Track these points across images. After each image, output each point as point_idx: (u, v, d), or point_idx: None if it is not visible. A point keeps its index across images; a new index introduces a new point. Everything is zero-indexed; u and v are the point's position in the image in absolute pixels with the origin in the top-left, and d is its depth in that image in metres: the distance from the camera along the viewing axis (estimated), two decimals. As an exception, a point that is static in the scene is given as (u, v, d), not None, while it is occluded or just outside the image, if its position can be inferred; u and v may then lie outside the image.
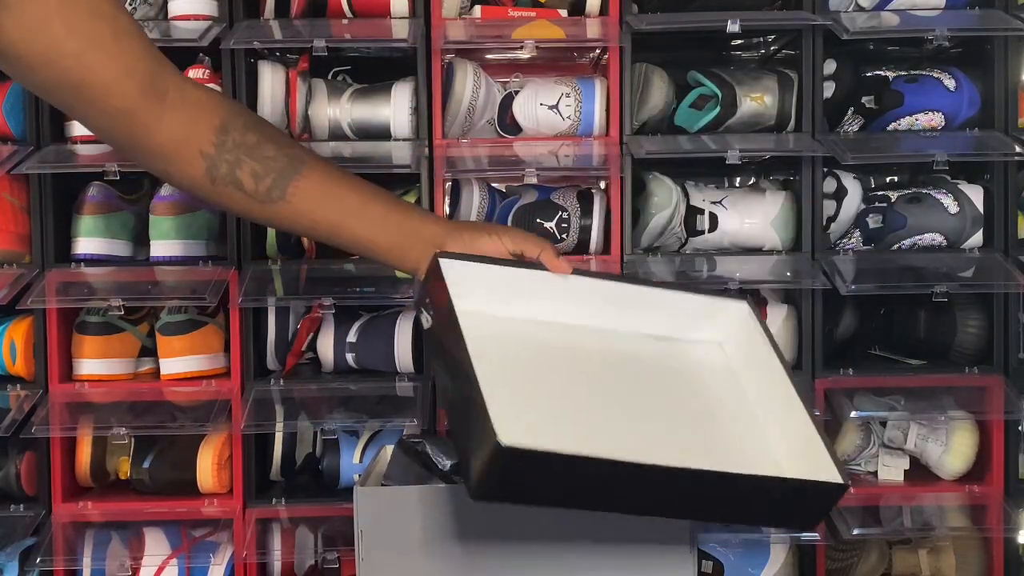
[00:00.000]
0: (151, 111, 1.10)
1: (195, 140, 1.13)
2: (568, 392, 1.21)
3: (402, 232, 1.23)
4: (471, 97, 1.83)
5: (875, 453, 1.93)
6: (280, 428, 1.83)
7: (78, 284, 1.80)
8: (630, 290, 1.35)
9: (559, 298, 1.28)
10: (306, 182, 1.18)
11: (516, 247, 1.27)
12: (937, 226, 1.86)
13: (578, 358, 1.28)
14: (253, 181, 1.15)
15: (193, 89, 1.15)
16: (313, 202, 1.19)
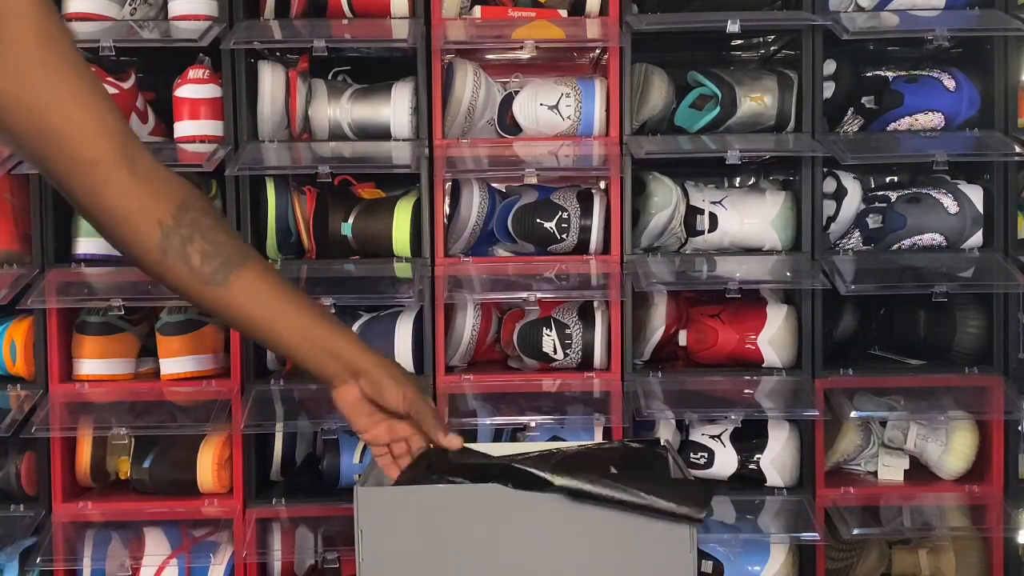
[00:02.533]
0: (118, 172, 1.12)
1: (156, 209, 1.16)
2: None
3: (324, 348, 1.27)
4: (471, 97, 1.83)
5: (875, 453, 1.93)
6: (280, 428, 1.83)
7: (78, 284, 1.80)
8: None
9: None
10: (249, 274, 1.21)
11: (411, 411, 1.30)
12: (937, 226, 1.86)
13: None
14: (200, 259, 1.18)
15: (159, 165, 1.18)
16: (251, 295, 1.22)
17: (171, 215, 1.16)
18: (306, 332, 1.26)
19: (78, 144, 1.09)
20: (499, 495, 1.27)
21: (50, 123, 1.07)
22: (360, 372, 1.28)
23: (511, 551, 1.25)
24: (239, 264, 1.21)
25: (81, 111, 1.08)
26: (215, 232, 1.19)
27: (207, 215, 1.20)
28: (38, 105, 1.06)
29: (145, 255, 1.18)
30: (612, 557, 1.25)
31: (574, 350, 1.82)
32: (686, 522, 1.22)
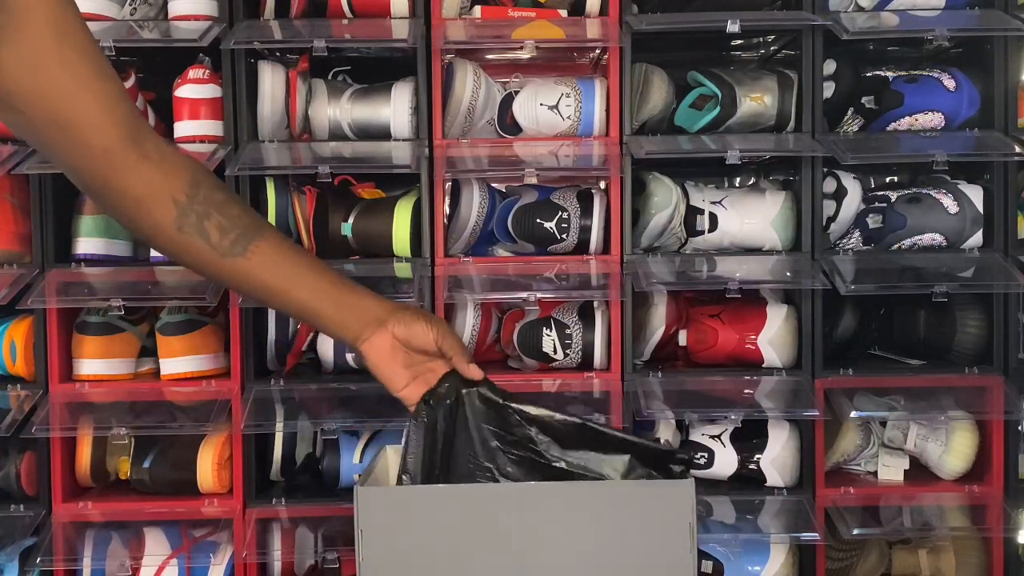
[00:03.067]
0: (130, 156, 1.15)
1: (169, 188, 1.19)
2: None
3: (344, 305, 1.32)
4: (471, 97, 1.83)
5: (875, 453, 1.93)
6: (280, 428, 1.83)
7: (78, 284, 1.80)
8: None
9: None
10: (266, 244, 1.26)
11: (442, 341, 1.35)
12: (937, 226, 1.86)
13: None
14: (219, 234, 1.22)
15: (168, 146, 1.21)
16: (270, 264, 1.26)
17: (184, 193, 1.19)
18: (326, 293, 1.30)
19: (90, 133, 1.12)
20: (499, 495, 1.27)
21: (63, 113, 1.09)
22: (386, 319, 1.32)
23: (511, 551, 1.25)
24: (256, 235, 1.24)
25: (93, 101, 1.10)
26: (229, 206, 1.23)
27: (219, 190, 1.23)
28: (52, 95, 1.08)
29: (162, 234, 1.22)
30: (612, 557, 1.25)
31: (574, 350, 1.82)
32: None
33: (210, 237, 1.21)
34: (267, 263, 1.26)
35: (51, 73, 1.06)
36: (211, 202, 1.21)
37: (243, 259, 1.24)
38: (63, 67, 1.07)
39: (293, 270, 1.28)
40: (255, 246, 1.24)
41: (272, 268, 1.26)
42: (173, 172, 1.19)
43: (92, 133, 1.12)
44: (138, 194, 1.18)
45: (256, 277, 1.27)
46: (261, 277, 1.27)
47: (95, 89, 1.10)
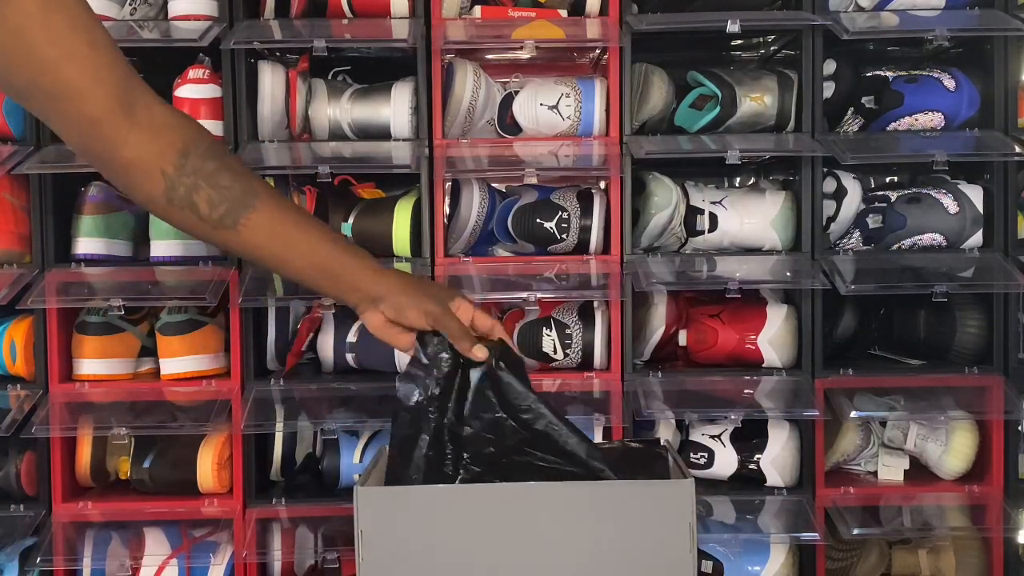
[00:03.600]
0: (119, 124, 1.14)
1: (158, 159, 1.17)
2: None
3: (340, 280, 1.30)
4: (471, 97, 1.83)
5: (875, 453, 1.93)
6: (280, 428, 1.83)
7: (78, 284, 1.80)
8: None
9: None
10: (258, 216, 1.23)
11: (435, 325, 1.31)
12: (937, 226, 1.86)
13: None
14: (208, 207, 1.20)
15: (162, 109, 1.19)
16: (262, 235, 1.24)
17: (173, 164, 1.17)
18: (322, 266, 1.29)
19: (77, 103, 1.10)
20: (499, 495, 1.27)
21: (50, 83, 1.08)
22: (379, 299, 1.30)
23: (511, 551, 1.25)
24: (247, 205, 1.22)
25: (81, 70, 1.09)
26: (219, 176, 1.20)
27: (210, 158, 1.20)
28: (38, 66, 1.06)
29: (153, 204, 1.21)
30: (612, 557, 1.25)
31: (574, 350, 1.82)
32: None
33: (199, 210, 1.20)
34: (259, 235, 1.24)
35: (35, 42, 1.05)
36: (200, 173, 1.19)
37: (234, 231, 1.22)
38: (48, 37, 1.05)
39: (289, 242, 1.26)
40: (246, 218, 1.22)
41: (266, 240, 1.25)
42: (164, 140, 1.17)
43: (79, 103, 1.10)
44: (126, 164, 1.16)
45: (250, 248, 1.26)
46: (255, 248, 1.26)
47: (82, 58, 1.08)
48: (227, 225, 1.21)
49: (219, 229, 1.22)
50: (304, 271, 1.29)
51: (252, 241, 1.24)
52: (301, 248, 1.27)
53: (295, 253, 1.27)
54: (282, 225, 1.26)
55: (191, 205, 1.19)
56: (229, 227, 1.22)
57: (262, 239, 1.24)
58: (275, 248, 1.26)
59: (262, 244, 1.25)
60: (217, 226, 1.21)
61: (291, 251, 1.27)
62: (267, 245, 1.25)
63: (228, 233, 1.22)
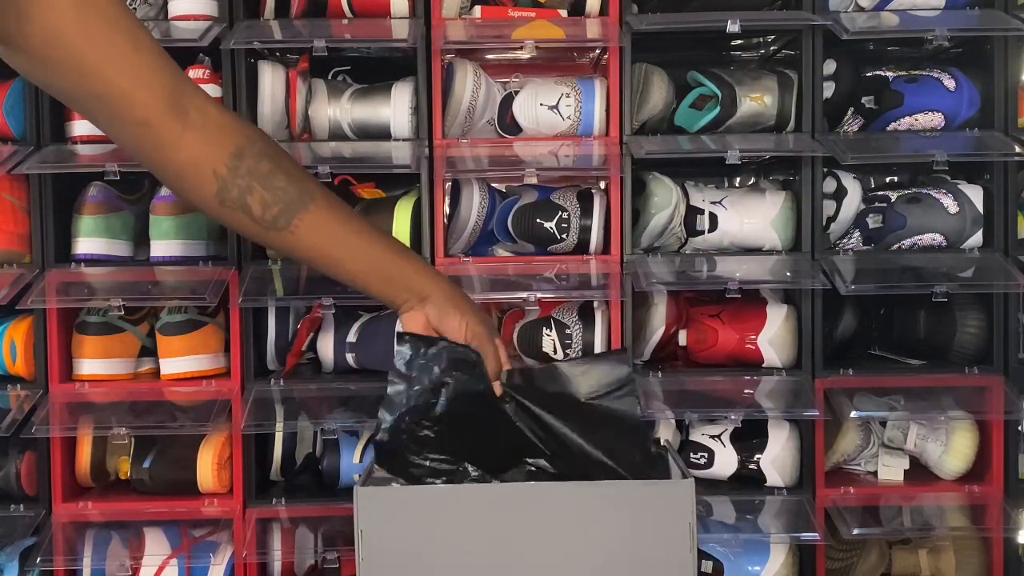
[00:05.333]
0: (171, 126, 1.12)
1: (211, 161, 1.16)
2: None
3: (394, 279, 1.31)
4: (471, 97, 1.83)
5: (875, 453, 1.93)
6: (280, 428, 1.83)
7: (78, 284, 1.80)
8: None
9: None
10: (312, 217, 1.22)
11: (472, 342, 1.34)
12: (937, 226, 1.86)
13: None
14: (261, 208, 1.19)
15: (215, 110, 1.17)
16: (316, 237, 1.24)
17: (226, 165, 1.16)
18: (376, 266, 1.29)
19: (126, 105, 1.09)
20: (499, 495, 1.27)
21: (96, 86, 1.07)
22: (427, 299, 1.31)
23: (511, 551, 1.25)
24: (301, 206, 1.21)
25: (124, 72, 1.07)
26: (274, 177, 1.19)
27: (265, 158, 1.19)
28: (82, 68, 1.05)
29: (206, 205, 1.19)
30: (612, 557, 1.25)
31: (574, 350, 1.82)
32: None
33: (252, 211, 1.18)
34: (313, 236, 1.23)
35: (75, 47, 1.03)
36: (255, 174, 1.18)
37: (288, 232, 1.21)
38: (89, 38, 1.04)
39: (340, 243, 1.26)
40: (299, 219, 1.21)
41: (318, 241, 1.24)
42: (216, 141, 1.16)
43: (128, 106, 1.09)
44: (179, 166, 1.15)
45: (303, 249, 1.25)
46: (308, 250, 1.25)
47: (127, 60, 1.07)
48: (280, 227, 1.20)
49: (272, 231, 1.21)
50: (358, 272, 1.29)
51: (306, 242, 1.23)
52: (355, 249, 1.27)
53: (349, 254, 1.27)
54: (336, 226, 1.25)
55: (244, 207, 1.18)
56: (283, 228, 1.21)
57: (316, 240, 1.24)
58: (329, 249, 1.26)
59: (316, 244, 1.24)
60: (270, 228, 1.20)
61: (345, 252, 1.26)
62: (321, 246, 1.25)
63: (282, 235, 1.22)
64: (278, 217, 1.20)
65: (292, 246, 1.24)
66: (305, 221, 1.21)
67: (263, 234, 1.22)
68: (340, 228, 1.26)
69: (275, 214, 1.20)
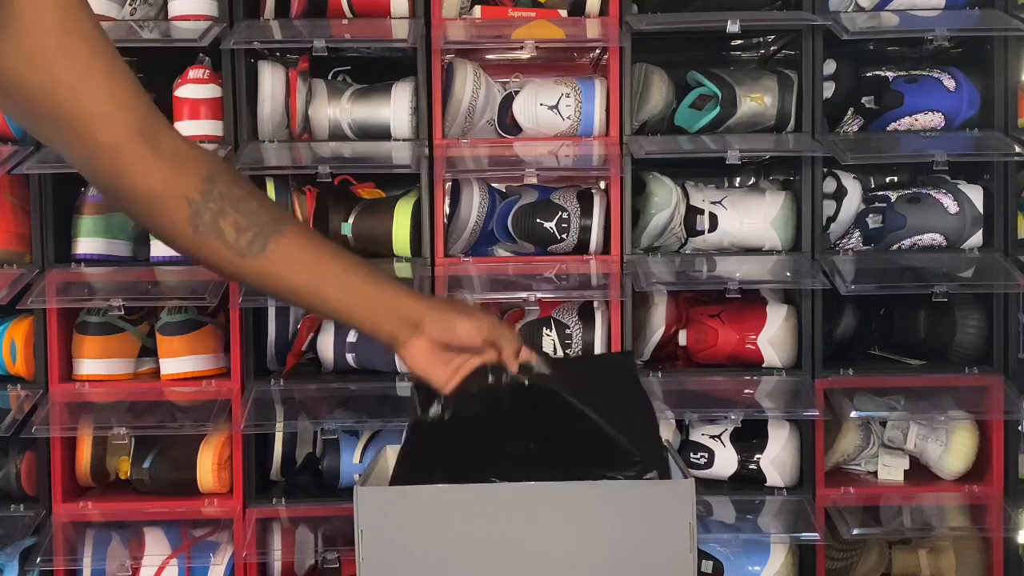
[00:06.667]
0: (140, 152, 1.10)
1: (182, 186, 1.13)
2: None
3: (377, 304, 1.23)
4: (471, 97, 1.83)
5: (875, 453, 1.93)
6: (280, 428, 1.83)
7: (78, 284, 1.80)
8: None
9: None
10: (287, 241, 1.17)
11: (491, 335, 1.26)
12: (937, 226, 1.86)
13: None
14: (235, 232, 1.15)
15: (184, 141, 1.16)
16: (292, 261, 1.18)
17: (198, 190, 1.13)
18: (356, 291, 1.22)
19: (97, 129, 1.06)
20: (499, 495, 1.27)
21: (69, 109, 1.04)
22: (422, 320, 1.23)
23: (511, 551, 1.25)
24: (275, 231, 1.17)
25: (100, 96, 1.05)
26: (247, 202, 1.16)
27: (237, 185, 1.16)
28: (56, 91, 1.03)
29: (177, 234, 1.15)
30: (612, 557, 1.25)
31: (574, 350, 1.82)
32: (632, 468, 1.25)
33: (226, 236, 1.14)
34: (288, 261, 1.17)
35: (55, 67, 1.01)
36: (227, 198, 1.14)
37: (262, 258, 1.16)
38: (68, 61, 1.01)
39: (318, 268, 1.20)
40: (274, 243, 1.16)
41: (294, 267, 1.18)
42: (187, 168, 1.13)
43: (100, 130, 1.06)
44: (150, 193, 1.12)
45: (278, 277, 1.19)
46: (283, 277, 1.19)
47: (103, 84, 1.05)
48: (255, 252, 1.16)
49: (247, 257, 1.16)
50: (337, 298, 1.22)
51: (281, 268, 1.18)
52: (334, 272, 1.21)
53: (328, 278, 1.21)
54: (312, 251, 1.20)
55: (217, 232, 1.14)
56: (257, 254, 1.16)
57: (291, 265, 1.18)
58: (305, 275, 1.19)
59: (291, 271, 1.19)
60: (244, 253, 1.15)
61: (323, 276, 1.20)
62: (297, 271, 1.19)
63: (256, 261, 1.16)
64: (253, 242, 1.15)
65: (267, 274, 1.18)
66: (280, 246, 1.16)
67: (237, 262, 1.16)
68: (316, 252, 1.20)
69: (249, 239, 1.15)
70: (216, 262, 1.17)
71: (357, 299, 1.22)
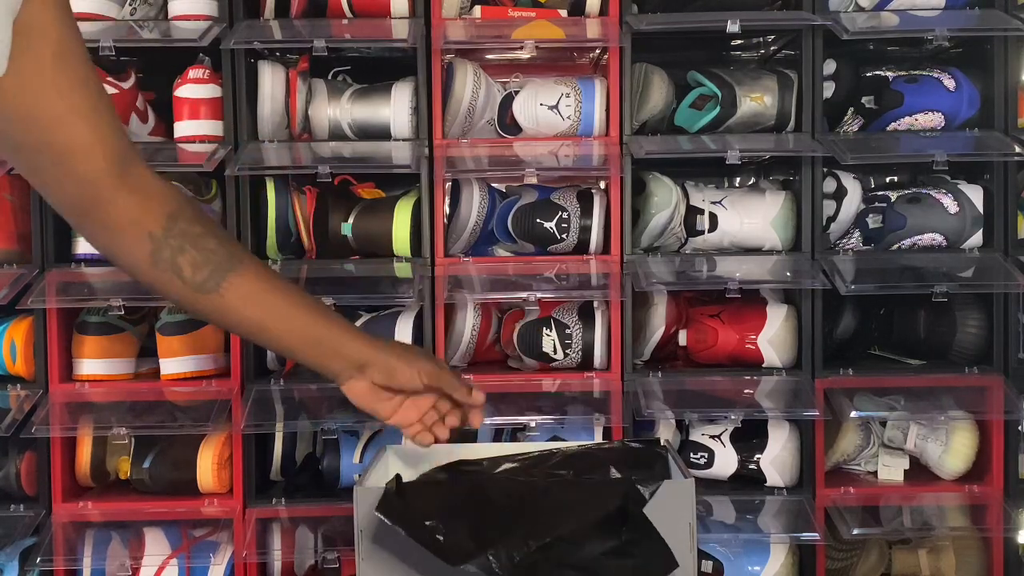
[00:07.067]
0: (112, 185, 1.13)
1: (147, 221, 1.17)
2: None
3: (323, 346, 1.28)
4: (471, 97, 1.83)
5: (875, 453, 1.93)
6: (280, 428, 1.83)
7: (78, 284, 1.80)
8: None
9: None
10: (240, 280, 1.22)
11: (431, 381, 1.31)
12: (937, 226, 1.86)
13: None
14: (191, 269, 1.19)
15: (153, 176, 1.19)
16: (243, 300, 1.23)
17: (161, 226, 1.17)
18: (303, 332, 1.27)
19: (78, 161, 1.10)
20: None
21: (54, 139, 1.07)
22: (365, 364, 1.29)
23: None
24: (230, 270, 1.21)
25: (82, 130, 1.08)
26: (205, 239, 1.20)
27: (197, 223, 1.20)
28: (45, 121, 1.06)
29: (137, 266, 1.20)
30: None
31: (574, 350, 1.82)
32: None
33: (183, 272, 1.19)
34: (242, 300, 1.22)
35: (47, 98, 1.04)
36: (186, 236, 1.18)
37: (216, 295, 1.20)
38: (59, 94, 1.05)
39: (270, 307, 1.25)
40: (228, 282, 1.21)
41: (247, 305, 1.23)
42: (152, 204, 1.17)
43: (80, 161, 1.10)
44: (116, 226, 1.16)
45: (231, 314, 1.24)
46: (236, 314, 1.24)
47: (88, 118, 1.08)
48: (209, 289, 1.20)
49: (201, 293, 1.20)
50: (285, 337, 1.27)
51: (234, 305, 1.22)
52: (283, 312, 1.26)
53: (277, 317, 1.25)
54: (264, 290, 1.24)
55: (175, 268, 1.18)
56: (212, 291, 1.20)
57: (243, 303, 1.23)
58: (257, 313, 1.24)
59: (243, 308, 1.23)
60: (199, 289, 1.20)
61: (273, 316, 1.25)
62: (249, 309, 1.24)
63: (211, 298, 1.21)
64: (208, 279, 1.20)
65: (221, 310, 1.23)
66: (233, 284, 1.21)
67: (192, 297, 1.21)
68: (268, 292, 1.25)
69: (205, 276, 1.20)
70: (173, 296, 1.22)
71: (304, 340, 1.28)
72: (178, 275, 1.19)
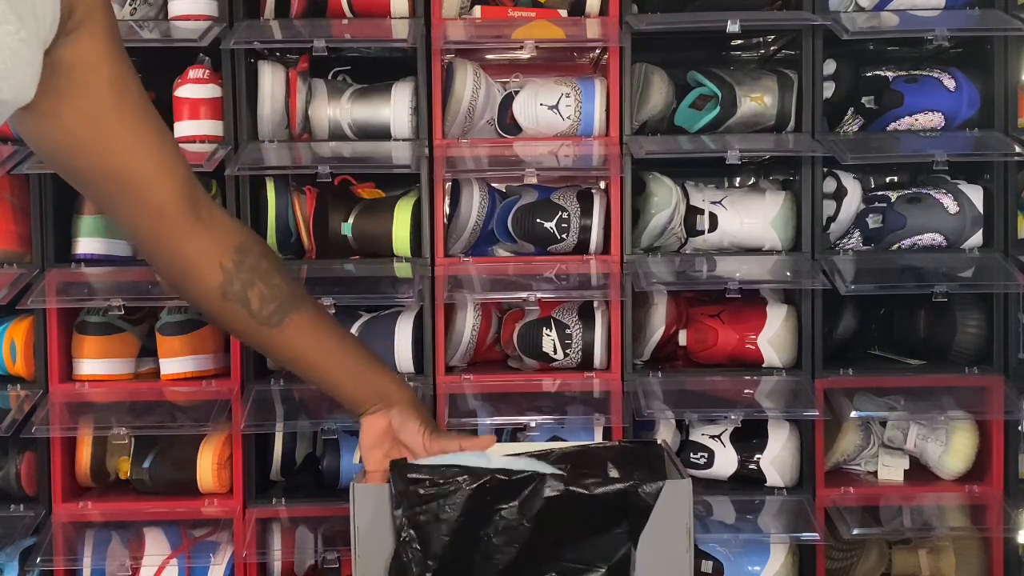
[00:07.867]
0: (185, 217, 1.18)
1: (218, 254, 1.22)
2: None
3: (364, 383, 1.35)
4: (471, 97, 1.83)
5: (875, 453, 1.93)
6: (280, 428, 1.83)
7: (78, 284, 1.80)
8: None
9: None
10: (302, 318, 1.28)
11: (432, 449, 1.34)
12: (937, 226, 1.86)
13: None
14: (259, 303, 1.25)
15: (221, 211, 1.25)
16: (303, 337, 1.29)
17: (232, 259, 1.22)
18: (352, 371, 1.34)
19: (147, 190, 1.14)
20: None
21: (121, 169, 1.12)
22: (393, 405, 1.35)
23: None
24: (294, 307, 1.27)
25: (150, 158, 1.13)
26: (272, 275, 1.26)
27: (265, 258, 1.26)
28: (111, 151, 1.10)
29: (206, 298, 1.24)
30: (611, 556, 1.25)
31: (574, 350, 1.82)
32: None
33: (251, 305, 1.24)
34: (301, 336, 1.29)
35: (111, 130, 1.08)
36: (256, 270, 1.24)
37: (278, 330, 1.26)
38: (122, 125, 1.09)
39: (325, 345, 1.31)
40: (291, 319, 1.26)
41: (305, 341, 1.29)
42: (224, 238, 1.22)
43: (149, 191, 1.14)
44: (189, 257, 1.20)
45: (289, 348, 1.30)
46: (294, 348, 1.30)
47: (153, 148, 1.12)
48: (274, 324, 1.26)
49: (266, 327, 1.26)
50: (336, 377, 1.33)
51: (294, 341, 1.29)
52: (338, 353, 1.32)
53: (332, 357, 1.32)
54: (323, 330, 1.31)
55: (244, 300, 1.23)
56: (275, 325, 1.26)
57: (303, 340, 1.29)
58: (314, 351, 1.31)
59: (302, 345, 1.30)
60: (264, 323, 1.25)
61: (328, 355, 1.32)
62: (307, 347, 1.30)
63: (273, 332, 1.26)
64: (273, 314, 1.26)
65: (280, 344, 1.29)
66: (295, 321, 1.27)
67: (256, 329, 1.27)
68: (325, 332, 1.32)
69: (271, 311, 1.25)
70: (237, 327, 1.29)
71: (353, 379, 1.35)
72: (246, 307, 1.24)
